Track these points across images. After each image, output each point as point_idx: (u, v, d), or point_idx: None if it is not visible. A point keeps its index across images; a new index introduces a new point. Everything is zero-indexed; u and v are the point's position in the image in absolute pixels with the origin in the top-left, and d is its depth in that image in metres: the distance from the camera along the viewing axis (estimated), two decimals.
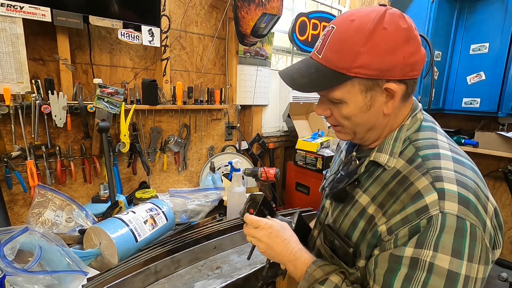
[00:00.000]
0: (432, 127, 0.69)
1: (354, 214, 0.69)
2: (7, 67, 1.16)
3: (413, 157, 0.63)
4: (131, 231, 1.11)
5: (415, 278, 0.53)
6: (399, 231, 0.57)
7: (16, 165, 1.25)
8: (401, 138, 0.66)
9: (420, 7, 2.46)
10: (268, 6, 1.69)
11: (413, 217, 0.55)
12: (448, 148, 0.63)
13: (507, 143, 2.30)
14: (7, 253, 0.90)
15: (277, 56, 2.49)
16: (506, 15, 2.28)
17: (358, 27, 0.58)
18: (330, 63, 0.61)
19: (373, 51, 0.57)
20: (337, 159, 0.92)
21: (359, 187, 0.69)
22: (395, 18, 0.58)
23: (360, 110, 0.63)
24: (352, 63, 0.58)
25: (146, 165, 1.54)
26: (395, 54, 0.57)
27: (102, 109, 1.34)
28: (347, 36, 0.58)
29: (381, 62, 0.57)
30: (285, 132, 2.36)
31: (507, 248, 2.64)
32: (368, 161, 0.68)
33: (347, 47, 0.58)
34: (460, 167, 0.59)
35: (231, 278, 1.02)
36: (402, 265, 0.55)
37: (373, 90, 0.61)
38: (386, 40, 0.57)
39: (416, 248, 0.54)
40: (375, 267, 0.60)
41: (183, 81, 1.77)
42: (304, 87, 0.64)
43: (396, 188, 0.61)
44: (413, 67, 0.60)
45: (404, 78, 0.60)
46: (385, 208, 0.61)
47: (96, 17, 1.29)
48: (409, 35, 0.58)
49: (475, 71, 2.50)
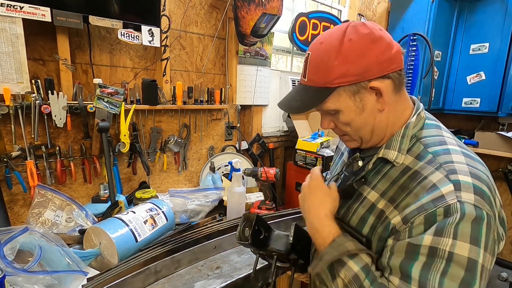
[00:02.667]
0: (436, 125, 0.71)
1: (362, 211, 0.70)
2: (7, 67, 1.16)
3: (422, 154, 0.65)
4: (131, 231, 1.11)
5: (434, 267, 0.54)
6: (415, 219, 0.57)
7: (16, 165, 1.25)
8: (408, 135, 0.68)
9: (420, 7, 2.46)
10: (268, 6, 1.69)
11: (429, 205, 0.56)
12: (456, 144, 0.66)
13: (507, 143, 2.30)
14: (7, 253, 0.90)
15: (277, 56, 2.49)
16: (506, 15, 2.28)
17: (326, 47, 0.66)
18: (314, 83, 0.68)
19: (345, 61, 0.63)
20: (338, 161, 0.93)
21: (366, 184, 0.70)
22: (356, 28, 0.64)
23: (355, 114, 0.68)
24: (330, 76, 0.65)
25: (146, 165, 1.54)
26: (366, 56, 0.63)
27: (102, 109, 1.34)
28: (320, 57, 0.66)
29: (356, 67, 0.63)
30: (285, 132, 2.36)
31: (507, 248, 2.64)
32: (376, 158, 0.70)
33: (323, 65, 0.66)
34: (471, 161, 0.61)
35: (231, 278, 1.02)
36: (420, 254, 0.55)
37: (360, 93, 0.65)
38: (353, 48, 0.63)
39: (435, 236, 0.54)
40: (390, 255, 0.60)
41: (183, 81, 1.77)
42: (299, 109, 0.71)
43: (408, 183, 0.63)
44: (389, 61, 0.64)
45: (385, 74, 0.64)
46: (397, 202, 0.63)
47: (96, 17, 1.29)
48: (373, 37, 0.63)
49: (475, 71, 2.50)
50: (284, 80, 2.31)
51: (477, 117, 2.67)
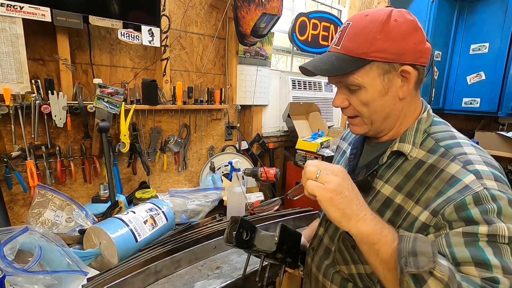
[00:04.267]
0: (444, 122, 0.75)
1: (377, 205, 0.69)
2: (7, 67, 1.16)
3: (434, 148, 0.66)
4: (131, 231, 1.11)
5: (503, 252, 0.52)
6: (445, 209, 0.57)
7: (16, 165, 1.25)
8: (421, 130, 0.70)
9: (420, 7, 2.47)
10: (268, 6, 1.69)
11: (457, 195, 0.57)
12: (465, 138, 0.69)
13: (507, 143, 2.30)
14: (7, 253, 0.90)
15: (277, 56, 2.49)
16: (506, 15, 2.28)
17: (372, 20, 0.65)
18: (349, 51, 0.66)
19: (388, 37, 0.63)
20: (340, 159, 0.92)
21: (379, 178, 0.71)
22: (402, 13, 0.66)
23: (378, 94, 0.67)
24: (369, 48, 0.64)
25: (146, 165, 1.54)
26: (407, 40, 0.64)
27: (102, 109, 1.34)
28: (363, 27, 0.65)
29: (396, 47, 0.63)
30: (285, 132, 2.36)
31: None
32: (389, 151, 0.70)
33: (364, 35, 0.64)
34: (481, 152, 0.64)
35: (231, 278, 1.02)
36: (480, 241, 0.53)
37: (390, 73, 0.65)
38: (398, 28, 0.63)
39: (489, 225, 0.53)
40: (450, 249, 0.55)
41: (183, 81, 1.77)
42: (327, 72, 0.67)
43: (425, 177, 0.64)
44: (422, 54, 0.66)
45: (416, 63, 0.66)
46: (417, 196, 0.63)
47: (96, 17, 1.29)
48: (416, 26, 0.65)
49: (475, 71, 2.50)
50: (284, 80, 2.31)
51: (477, 117, 2.67)
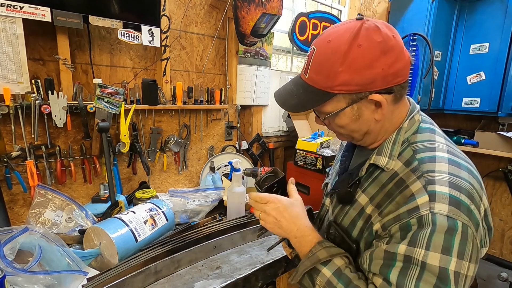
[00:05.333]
0: (430, 128, 0.70)
1: (353, 213, 0.71)
2: (7, 67, 1.15)
3: (410, 160, 0.65)
4: (131, 231, 1.11)
5: (409, 272, 0.56)
6: (391, 228, 0.60)
7: (16, 165, 1.25)
8: (400, 141, 0.68)
9: (420, 7, 2.46)
10: (268, 6, 1.69)
11: (405, 215, 0.58)
12: (446, 150, 0.64)
13: (507, 143, 2.29)
14: (7, 253, 0.90)
15: (277, 56, 2.49)
16: (506, 15, 2.28)
17: (334, 48, 0.61)
18: (315, 83, 0.65)
19: (351, 69, 0.60)
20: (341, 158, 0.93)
21: (359, 187, 0.71)
22: (370, 33, 0.60)
23: (351, 120, 0.67)
24: (333, 82, 0.62)
25: (146, 165, 1.54)
26: (373, 67, 0.59)
27: (102, 109, 1.34)
28: (326, 57, 0.62)
29: (361, 78, 0.60)
30: (285, 132, 2.36)
31: (507, 248, 2.64)
32: (368, 164, 0.70)
33: (327, 67, 0.62)
34: (455, 169, 0.60)
35: (231, 278, 1.02)
36: (397, 260, 0.57)
37: (359, 102, 0.64)
38: (362, 56, 0.59)
39: (409, 246, 0.56)
40: (370, 262, 0.62)
41: (183, 81, 1.76)
42: (295, 108, 0.69)
43: (394, 190, 0.64)
44: (395, 75, 0.61)
45: (389, 87, 0.62)
46: (381, 208, 0.64)
47: (96, 17, 1.29)
48: (385, 47, 0.59)
49: (475, 71, 2.49)
50: (284, 80, 2.31)
51: (477, 117, 2.67)
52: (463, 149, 2.48)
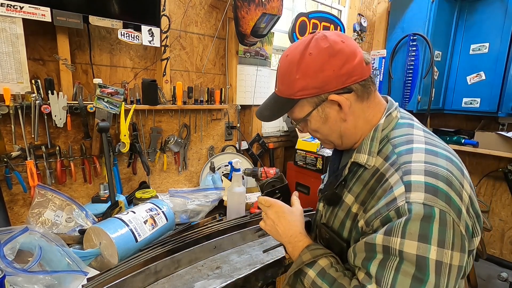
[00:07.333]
0: (408, 123, 0.72)
1: (342, 214, 0.73)
2: (7, 67, 1.16)
3: (390, 155, 0.67)
4: (131, 231, 1.11)
5: (388, 264, 0.56)
6: (373, 222, 0.61)
7: (16, 165, 1.25)
8: (378, 138, 0.70)
9: (420, 7, 2.47)
10: (268, 6, 1.69)
11: (384, 209, 0.59)
12: (423, 141, 0.66)
13: (507, 143, 2.30)
14: (7, 253, 0.90)
15: (277, 56, 2.49)
16: (506, 15, 2.28)
17: (290, 60, 0.70)
18: (282, 93, 0.74)
19: (306, 75, 0.67)
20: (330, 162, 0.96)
21: (345, 187, 0.74)
22: (318, 42, 0.68)
23: (320, 123, 0.73)
24: (293, 89, 0.70)
25: (146, 165, 1.54)
26: (324, 70, 0.66)
27: (102, 109, 1.34)
28: (285, 69, 0.72)
29: (315, 81, 0.67)
30: (285, 132, 2.36)
31: (507, 248, 2.64)
32: (350, 163, 0.73)
33: (288, 77, 0.71)
34: (431, 157, 0.61)
35: (231, 278, 1.02)
36: (377, 252, 0.58)
37: (322, 104, 0.70)
38: (313, 63, 0.67)
39: (385, 236, 0.57)
40: (354, 257, 0.63)
41: (183, 81, 1.77)
42: (268, 118, 0.78)
43: (375, 185, 0.66)
44: (348, 75, 0.67)
45: (345, 86, 0.67)
46: (365, 205, 0.66)
47: (96, 17, 1.29)
48: (332, 51, 0.66)
49: (475, 71, 2.50)
50: None
51: (477, 117, 2.67)
52: (463, 149, 2.50)
